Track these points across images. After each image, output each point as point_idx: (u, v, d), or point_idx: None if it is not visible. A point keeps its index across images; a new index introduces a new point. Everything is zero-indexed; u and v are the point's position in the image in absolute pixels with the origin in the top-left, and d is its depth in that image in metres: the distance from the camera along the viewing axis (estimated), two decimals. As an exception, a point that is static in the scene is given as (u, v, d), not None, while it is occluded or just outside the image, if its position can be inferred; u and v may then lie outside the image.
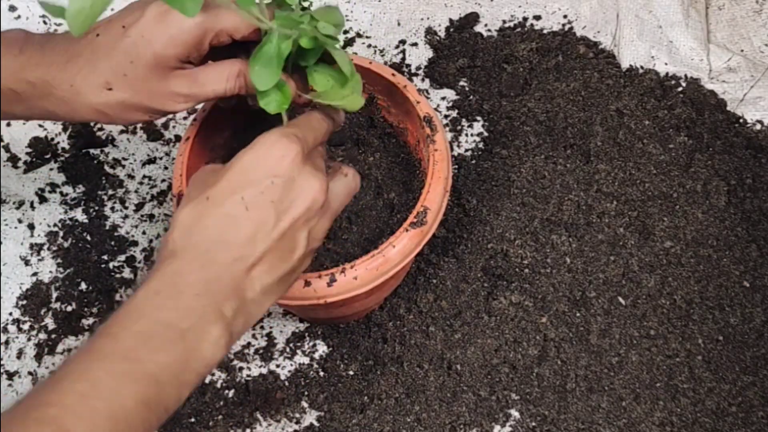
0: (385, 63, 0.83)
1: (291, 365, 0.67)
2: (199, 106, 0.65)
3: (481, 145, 0.78)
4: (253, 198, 0.47)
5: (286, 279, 0.49)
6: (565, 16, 0.86)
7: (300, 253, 0.48)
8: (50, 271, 0.72)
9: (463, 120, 0.80)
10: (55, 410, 0.40)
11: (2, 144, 0.78)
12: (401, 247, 0.55)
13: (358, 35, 0.85)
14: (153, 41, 0.51)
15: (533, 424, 0.63)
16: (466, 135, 0.79)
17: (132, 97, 0.52)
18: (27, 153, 0.78)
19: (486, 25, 0.86)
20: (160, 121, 0.80)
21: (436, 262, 0.69)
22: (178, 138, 0.79)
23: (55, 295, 0.71)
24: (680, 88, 0.80)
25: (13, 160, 0.78)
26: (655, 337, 0.66)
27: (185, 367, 0.44)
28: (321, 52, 0.50)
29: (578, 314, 0.67)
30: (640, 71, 0.81)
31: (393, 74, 0.63)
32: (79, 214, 0.75)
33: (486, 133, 0.78)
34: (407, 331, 0.67)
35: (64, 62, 0.52)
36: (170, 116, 0.80)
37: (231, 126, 0.63)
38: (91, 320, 0.70)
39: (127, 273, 0.73)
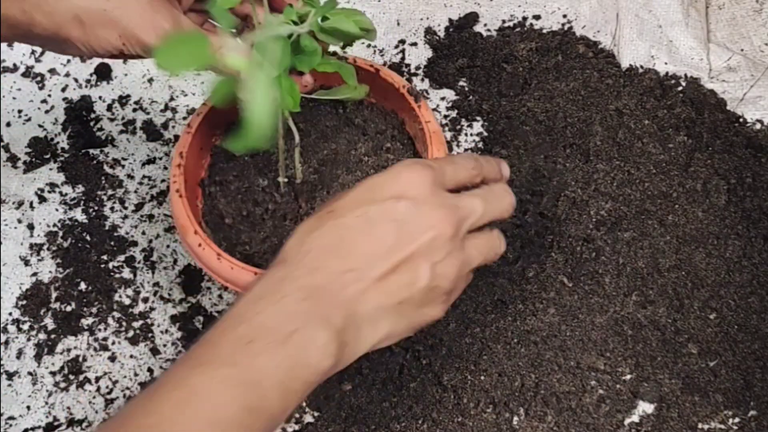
0: (385, 63, 0.83)
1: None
2: (198, 105, 0.65)
3: (480, 145, 0.78)
4: (377, 215, 0.45)
5: (404, 310, 0.45)
6: (564, 16, 0.86)
7: (421, 285, 0.45)
8: (50, 271, 0.72)
9: (463, 120, 0.80)
10: (154, 419, 0.38)
11: (2, 144, 0.78)
12: None
13: (358, 35, 0.85)
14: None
15: None
16: (466, 135, 0.79)
17: (112, 9, 0.50)
18: (27, 153, 0.78)
19: (485, 24, 0.86)
20: (159, 121, 0.80)
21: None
22: (177, 138, 0.79)
23: (54, 295, 0.71)
24: (680, 88, 0.80)
25: (13, 160, 0.78)
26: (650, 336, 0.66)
27: (290, 374, 0.42)
28: (318, 59, 0.50)
29: (580, 316, 0.67)
30: (640, 71, 0.81)
31: (404, 85, 0.63)
32: (78, 214, 0.75)
33: (485, 133, 0.78)
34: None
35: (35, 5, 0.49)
36: (169, 116, 0.80)
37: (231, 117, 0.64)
38: (90, 320, 0.70)
39: (126, 273, 0.73)
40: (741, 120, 0.78)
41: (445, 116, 0.80)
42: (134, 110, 0.81)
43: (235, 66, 0.40)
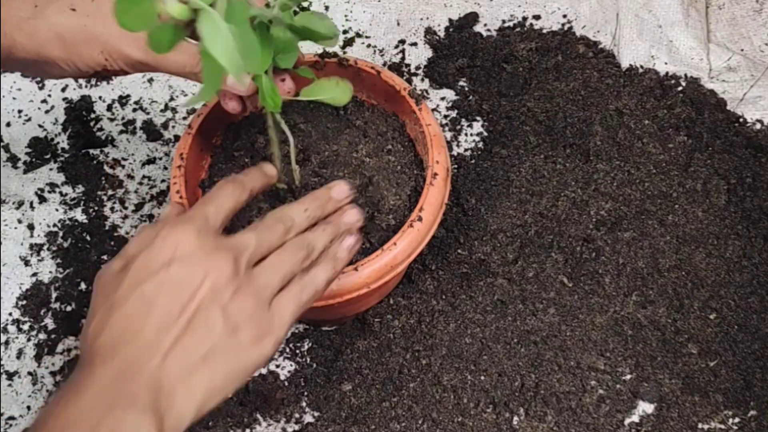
0: (385, 63, 0.83)
1: (291, 365, 0.67)
2: (198, 106, 0.65)
3: (480, 145, 0.78)
4: (153, 290, 0.46)
5: (215, 362, 0.46)
6: (564, 16, 0.86)
7: (218, 330, 0.45)
8: (50, 272, 0.72)
9: (463, 120, 0.80)
10: None
11: (2, 144, 0.78)
12: (405, 245, 0.56)
13: (358, 35, 0.85)
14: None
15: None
16: (466, 135, 0.79)
17: (93, 24, 0.50)
18: (27, 153, 0.78)
19: (485, 24, 0.86)
20: (159, 121, 0.80)
21: (431, 260, 0.69)
22: (177, 138, 0.79)
23: (54, 295, 0.71)
24: (680, 88, 0.80)
25: (13, 160, 0.78)
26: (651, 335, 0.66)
27: None
28: (296, 54, 0.50)
29: (580, 316, 0.67)
30: (640, 71, 0.81)
31: (405, 87, 0.63)
32: (78, 214, 0.75)
33: (485, 133, 0.78)
34: (409, 326, 0.67)
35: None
36: (169, 116, 0.80)
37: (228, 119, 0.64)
38: (90, 320, 0.70)
39: (126, 273, 0.73)
40: (741, 120, 0.78)
41: (445, 116, 0.80)
42: (134, 110, 0.81)
43: (174, 13, 0.39)
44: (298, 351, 0.68)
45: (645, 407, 0.64)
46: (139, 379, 0.44)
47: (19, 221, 0.75)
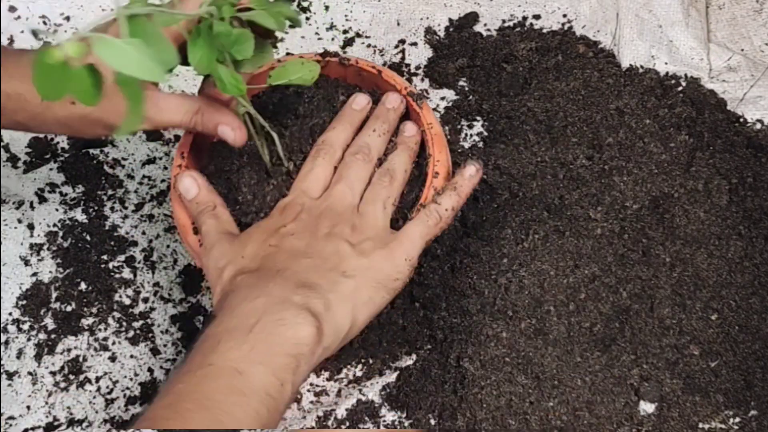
0: (385, 63, 0.83)
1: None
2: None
3: (480, 145, 0.78)
4: (278, 240, 0.53)
5: (350, 275, 0.51)
6: (564, 16, 0.86)
7: (347, 254, 0.52)
8: (50, 271, 0.72)
9: (463, 120, 0.80)
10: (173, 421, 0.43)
11: (2, 144, 0.78)
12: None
13: (358, 35, 0.85)
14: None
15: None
16: (466, 135, 0.79)
17: (93, 112, 0.53)
18: (27, 153, 0.78)
19: (485, 24, 0.86)
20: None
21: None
22: (177, 138, 0.79)
23: (54, 295, 0.71)
24: (680, 88, 0.80)
25: (13, 160, 0.78)
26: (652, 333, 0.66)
27: (268, 354, 0.45)
28: (251, 45, 0.50)
29: (581, 316, 0.67)
30: (640, 70, 0.81)
31: (406, 87, 0.63)
32: (78, 214, 0.75)
33: (485, 133, 0.78)
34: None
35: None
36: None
37: None
38: (90, 320, 0.70)
39: (126, 273, 0.73)
40: (741, 120, 0.78)
41: (445, 116, 0.80)
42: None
43: (72, 53, 0.38)
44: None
45: (645, 407, 0.64)
46: (288, 285, 0.49)
47: (19, 221, 0.75)
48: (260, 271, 0.51)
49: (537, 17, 0.86)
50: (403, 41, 0.85)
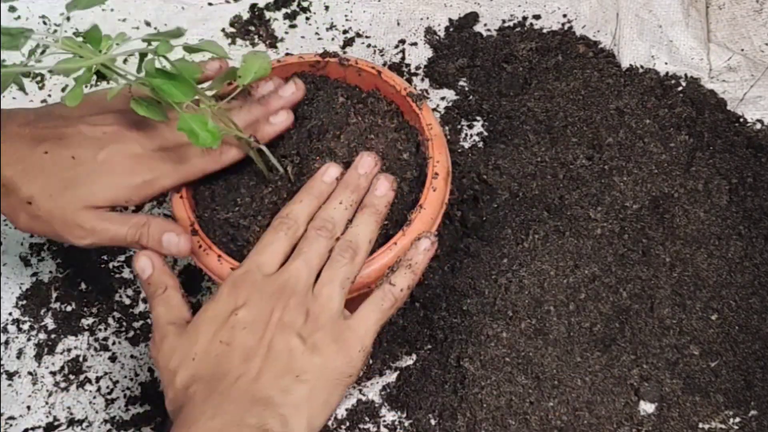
0: (385, 63, 0.83)
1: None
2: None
3: (480, 145, 0.78)
4: (228, 334, 0.50)
5: (305, 378, 0.49)
6: (564, 16, 0.86)
7: (299, 352, 0.49)
8: (50, 271, 0.72)
9: (463, 120, 0.80)
10: None
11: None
12: (406, 244, 0.56)
13: (358, 35, 0.85)
14: (95, 187, 0.54)
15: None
16: (466, 135, 0.79)
17: (43, 216, 0.54)
18: (27, 153, 0.78)
19: (485, 24, 0.86)
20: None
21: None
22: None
23: (54, 295, 0.71)
24: (680, 88, 0.80)
25: (13, 160, 0.78)
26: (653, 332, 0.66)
27: None
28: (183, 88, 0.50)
29: (583, 314, 0.67)
30: (640, 70, 0.81)
31: (405, 88, 0.63)
32: (78, 214, 0.75)
33: (485, 133, 0.78)
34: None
35: (5, 164, 0.54)
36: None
37: None
38: (90, 320, 0.70)
39: (126, 273, 0.73)
40: (741, 120, 0.78)
41: (445, 116, 0.80)
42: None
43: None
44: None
45: (646, 407, 0.64)
46: (243, 402, 0.47)
47: (19, 221, 0.75)
48: (213, 380, 0.49)
49: (537, 17, 0.86)
50: (403, 41, 0.85)
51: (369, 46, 0.85)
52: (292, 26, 0.87)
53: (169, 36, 0.46)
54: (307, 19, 0.87)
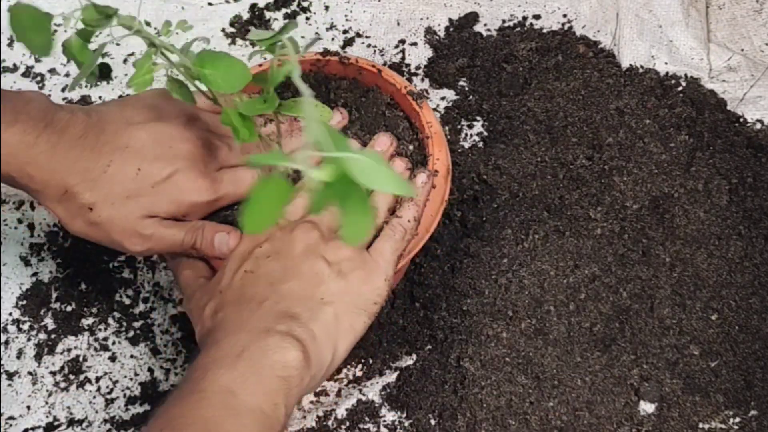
0: (385, 63, 0.83)
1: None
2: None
3: (480, 145, 0.78)
4: (253, 265, 0.51)
5: (331, 300, 0.50)
6: (564, 16, 0.86)
7: (326, 275, 0.50)
8: (50, 271, 0.72)
9: (463, 120, 0.80)
10: None
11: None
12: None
13: (358, 35, 0.85)
14: (154, 201, 0.54)
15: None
16: (466, 135, 0.79)
17: (103, 223, 0.54)
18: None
19: (485, 24, 0.86)
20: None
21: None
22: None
23: (54, 295, 0.71)
24: (680, 88, 0.80)
25: (13, 160, 0.78)
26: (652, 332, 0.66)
27: (258, 377, 0.46)
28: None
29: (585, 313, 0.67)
30: (640, 70, 0.81)
31: (405, 86, 0.63)
32: (78, 214, 0.75)
33: (485, 133, 0.78)
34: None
35: (67, 172, 0.53)
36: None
37: None
38: (90, 320, 0.70)
39: (126, 273, 0.73)
40: (741, 120, 0.78)
41: (445, 116, 0.80)
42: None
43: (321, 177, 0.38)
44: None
45: (646, 407, 0.64)
46: (270, 316, 0.48)
47: (19, 221, 0.74)
48: (240, 303, 0.50)
49: (537, 17, 0.86)
50: (403, 41, 0.85)
51: (369, 46, 0.85)
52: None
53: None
54: (307, 19, 0.87)
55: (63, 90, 0.82)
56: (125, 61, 0.84)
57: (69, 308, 0.71)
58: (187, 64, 0.46)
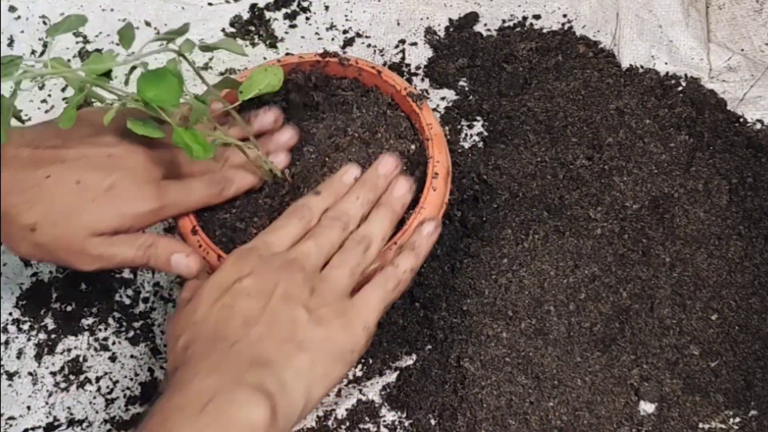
0: (385, 63, 0.83)
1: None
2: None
3: (480, 145, 0.78)
4: (230, 300, 0.49)
5: (307, 347, 0.48)
6: (564, 16, 0.86)
7: (303, 323, 0.49)
8: (50, 271, 0.72)
9: (463, 120, 0.80)
10: None
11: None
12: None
13: (358, 35, 0.85)
14: (97, 215, 0.53)
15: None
16: (466, 135, 0.79)
17: (47, 244, 0.53)
18: (27, 153, 0.78)
19: (485, 24, 0.86)
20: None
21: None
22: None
23: (54, 295, 0.71)
24: (680, 88, 0.80)
25: (13, 160, 0.78)
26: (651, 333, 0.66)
27: None
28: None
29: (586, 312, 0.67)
30: (640, 70, 0.81)
31: (405, 88, 0.63)
32: (78, 214, 0.75)
33: (486, 133, 0.78)
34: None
35: (21, 196, 0.52)
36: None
37: None
38: (90, 320, 0.70)
39: (126, 273, 0.73)
40: (741, 120, 0.78)
41: (445, 116, 0.80)
42: (134, 110, 0.81)
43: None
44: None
45: (646, 407, 0.64)
46: (241, 362, 0.46)
47: (19, 221, 0.74)
48: (212, 341, 0.48)
49: (537, 17, 0.86)
50: (403, 41, 0.85)
51: (369, 46, 0.85)
52: (292, 26, 0.87)
53: (176, 34, 0.46)
54: (307, 19, 0.87)
55: (63, 90, 0.82)
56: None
57: (69, 308, 0.71)
58: (131, 96, 0.46)
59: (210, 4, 0.88)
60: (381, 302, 0.52)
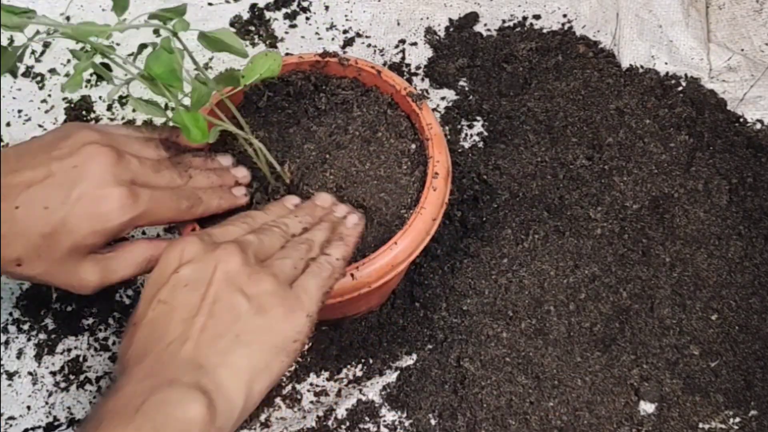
0: (385, 63, 0.83)
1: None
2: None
3: (480, 145, 0.78)
4: (168, 294, 0.48)
5: (251, 340, 0.47)
6: (564, 16, 0.86)
7: (244, 311, 0.47)
8: (50, 271, 0.72)
9: (463, 120, 0.80)
10: None
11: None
12: (406, 244, 0.57)
13: (358, 35, 0.85)
14: (75, 230, 0.52)
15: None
16: (466, 135, 0.79)
17: (40, 275, 0.52)
18: (27, 153, 0.78)
19: (485, 24, 0.86)
20: (159, 121, 0.80)
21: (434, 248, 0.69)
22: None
23: (54, 295, 0.71)
24: (680, 88, 0.80)
25: (13, 160, 0.78)
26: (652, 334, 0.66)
27: None
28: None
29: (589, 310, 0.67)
30: (640, 70, 0.81)
31: (405, 88, 0.63)
32: (78, 214, 0.75)
33: (486, 133, 0.78)
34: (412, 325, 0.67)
35: None
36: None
37: None
38: (90, 320, 0.70)
39: (126, 273, 0.73)
40: (741, 120, 0.78)
41: (445, 116, 0.80)
42: (134, 110, 0.81)
43: None
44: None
45: (646, 407, 0.64)
46: (175, 363, 0.45)
47: (19, 221, 0.74)
48: (149, 342, 0.47)
49: (537, 17, 0.86)
50: (403, 41, 0.85)
51: (369, 46, 0.85)
52: (292, 26, 0.87)
53: (174, 13, 0.46)
54: (307, 19, 0.87)
55: (63, 90, 0.82)
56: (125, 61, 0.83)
57: (69, 308, 0.71)
58: (139, 71, 0.46)
59: (210, 4, 0.88)
60: (319, 289, 0.51)
